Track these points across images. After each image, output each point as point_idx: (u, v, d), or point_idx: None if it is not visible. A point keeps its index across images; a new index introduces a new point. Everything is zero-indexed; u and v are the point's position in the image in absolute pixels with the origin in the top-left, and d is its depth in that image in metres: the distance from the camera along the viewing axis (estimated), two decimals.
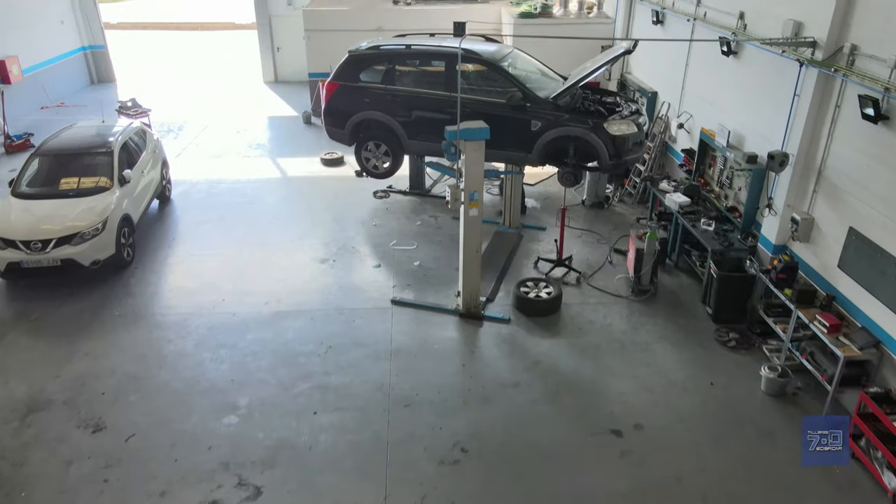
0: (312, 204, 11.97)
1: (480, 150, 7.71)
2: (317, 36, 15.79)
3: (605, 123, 7.85)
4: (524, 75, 8.66)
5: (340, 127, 8.84)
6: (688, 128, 10.61)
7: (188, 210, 11.72)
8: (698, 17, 10.08)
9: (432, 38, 9.13)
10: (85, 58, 19.72)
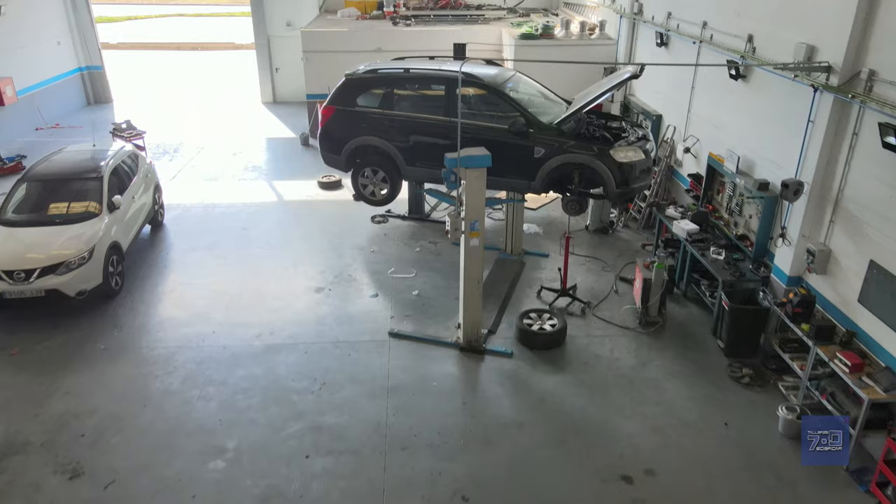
0: (308, 229, 11.65)
1: (482, 178, 7.41)
2: (315, 57, 15.56)
3: (612, 150, 7.56)
4: (527, 99, 8.39)
5: (337, 153, 8.54)
6: (694, 152, 10.31)
7: (181, 235, 11.40)
8: (704, 40, 9.83)
9: (432, 61, 8.87)
10: (82, 78, 19.54)
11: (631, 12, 12.84)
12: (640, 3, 12.58)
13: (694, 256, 8.98)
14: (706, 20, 9.82)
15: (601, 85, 7.93)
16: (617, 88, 8.21)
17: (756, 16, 8.47)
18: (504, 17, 17.19)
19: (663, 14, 11.35)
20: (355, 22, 16.95)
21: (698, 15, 10.04)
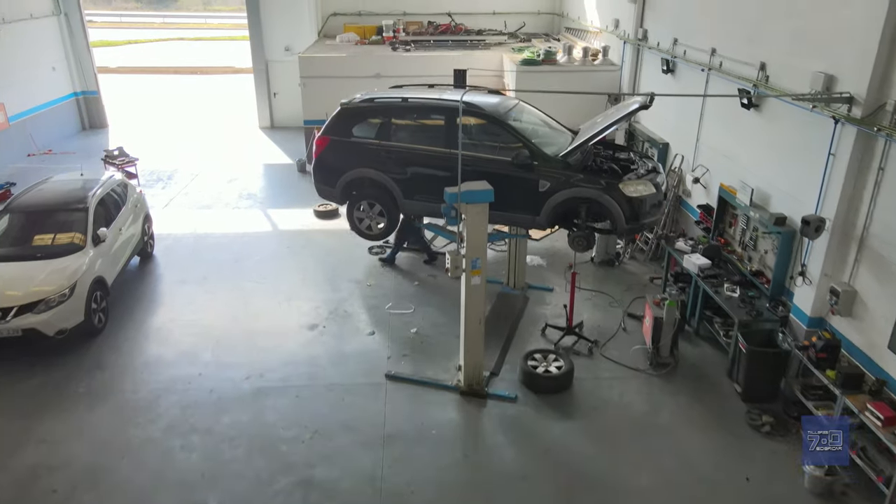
0: (303, 261, 11.23)
1: (484, 214, 7.01)
2: (313, 83, 15.31)
3: (621, 184, 7.17)
4: (530, 130, 8.02)
5: (331, 185, 8.15)
6: (704, 182, 9.94)
7: (170, 267, 10.97)
8: (713, 68, 9.51)
9: (431, 89, 8.52)
10: (77, 103, 19.27)
11: (635, 38, 12.57)
12: (644, 30, 12.31)
13: (706, 293, 8.55)
14: (714, 47, 9.52)
15: (609, 116, 7.56)
16: (626, 120, 7.85)
17: (769, 43, 8.15)
18: (505, 43, 16.98)
19: (669, 40, 11.06)
20: (354, 47, 16.73)
21: (706, 41, 9.74)
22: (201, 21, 51.77)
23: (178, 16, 56.52)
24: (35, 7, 17.26)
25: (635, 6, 12.45)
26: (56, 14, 18.06)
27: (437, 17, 18.22)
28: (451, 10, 18.28)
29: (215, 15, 53.77)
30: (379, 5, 18.35)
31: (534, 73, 13.74)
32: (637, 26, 12.51)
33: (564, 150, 7.68)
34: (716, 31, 9.50)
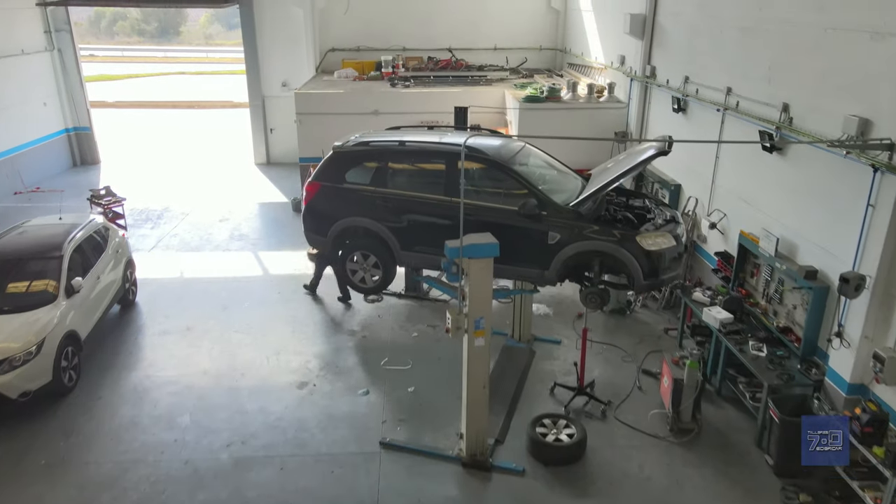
0: (294, 309, 10.56)
1: (488, 269, 6.37)
2: (309, 119, 14.83)
3: (638, 236, 6.55)
4: (537, 175, 7.44)
5: (322, 233, 7.54)
6: (721, 228, 9.32)
7: (153, 316, 10.30)
8: (729, 108, 8.98)
9: (430, 131, 7.98)
10: (68, 139, 18.81)
11: (642, 75, 12.11)
12: (652, 66, 11.86)
13: (728, 349, 7.86)
14: (730, 86, 9.00)
15: (622, 162, 6.97)
16: (642, 167, 7.27)
17: (792, 83, 7.62)
18: (507, 79, 16.57)
19: (679, 78, 10.58)
20: (352, 83, 16.32)
21: (720, 80, 9.24)
22: (202, 55, 52.01)
23: (179, 50, 56.87)
24: (27, 43, 16.92)
25: (642, 43, 12.02)
26: (49, 50, 17.73)
27: (438, 53, 17.88)
28: (451, 46, 17.95)
29: (216, 49, 54.09)
30: (378, 41, 18.03)
31: (537, 110, 13.26)
32: (644, 63, 12.06)
33: (575, 198, 7.08)
34: (731, 69, 9.00)
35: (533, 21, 18.27)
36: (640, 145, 7.42)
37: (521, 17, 18.15)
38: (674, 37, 10.98)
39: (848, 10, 6.70)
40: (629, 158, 6.87)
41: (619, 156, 7.94)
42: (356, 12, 17.82)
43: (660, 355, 8.91)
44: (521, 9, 18.07)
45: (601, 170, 7.64)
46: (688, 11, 10.33)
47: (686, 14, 10.41)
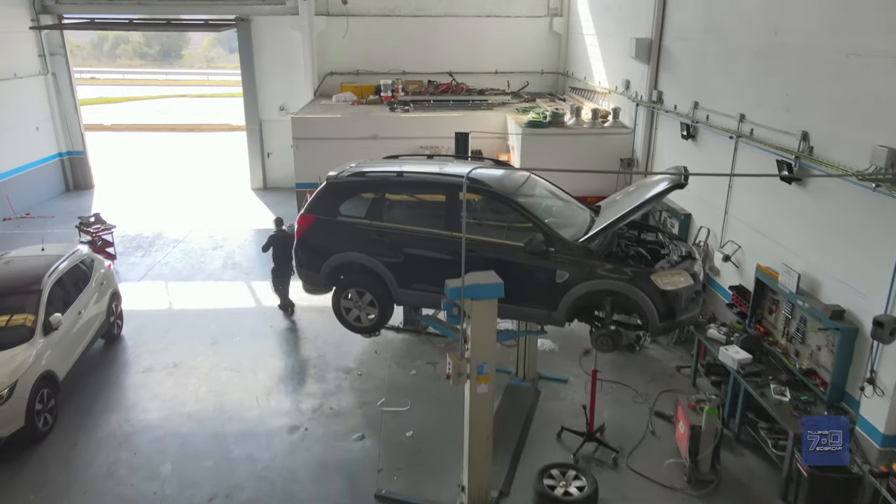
0: (288, 344, 10.08)
1: (491, 311, 5.91)
2: (306, 145, 14.48)
3: (653, 275, 6.09)
4: (543, 207, 6.99)
5: (315, 269, 7.07)
6: (736, 261, 8.88)
7: (139, 351, 9.81)
8: (742, 135, 8.59)
9: (430, 161, 7.57)
10: (61, 164, 18.45)
11: (649, 100, 11.76)
12: (659, 91, 11.51)
13: (748, 392, 7.36)
14: (743, 112, 8.63)
15: (634, 195, 6.52)
16: (657, 201, 6.82)
17: (812, 111, 7.22)
18: (508, 103, 16.25)
19: (688, 103, 10.22)
20: (350, 107, 16.00)
21: (733, 106, 8.86)
22: (203, 78, 52.06)
23: (180, 73, 57.00)
24: (21, 67, 16.65)
25: (648, 67, 11.69)
26: (43, 74, 17.45)
27: (438, 77, 17.60)
28: (451, 69, 17.68)
29: (217, 72, 54.14)
30: (377, 64, 17.76)
31: (540, 136, 12.89)
32: (651, 88, 11.72)
33: (584, 232, 6.63)
34: (744, 95, 8.62)
35: (534, 45, 18.03)
36: (653, 177, 6.96)
37: (523, 41, 17.91)
38: (682, 61, 10.64)
39: (869, 34, 6.34)
40: (641, 191, 6.43)
41: (630, 187, 7.51)
42: (355, 36, 17.59)
43: (673, 396, 8.41)
44: (522, 32, 17.83)
45: (611, 202, 7.21)
46: (696, 36, 10.00)
47: (695, 39, 10.07)
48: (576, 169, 11.04)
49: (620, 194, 7.35)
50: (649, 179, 6.79)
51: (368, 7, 17.56)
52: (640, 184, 7.22)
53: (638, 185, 7.23)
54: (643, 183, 6.99)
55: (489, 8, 17.76)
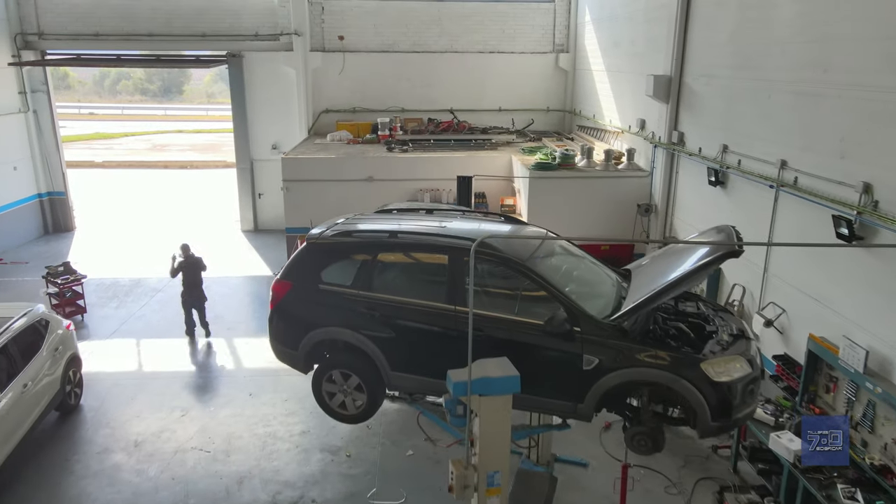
0: (267, 416, 8.88)
1: (505, 409, 4.77)
2: (297, 187, 13.52)
3: (704, 363, 4.96)
4: (563, 272, 5.89)
5: (292, 346, 5.95)
6: (780, 326, 7.76)
7: (97, 426, 8.62)
8: (785, 184, 7.55)
9: (429, 216, 6.50)
10: (40, 206, 17.44)
11: (668, 142, 10.79)
12: (680, 132, 10.54)
13: (807, 490, 6.16)
14: (785, 159, 7.62)
15: (672, 262, 5.38)
16: (705, 274, 5.72)
17: (876, 159, 6.20)
18: (513, 142, 15.35)
19: (716, 147, 9.23)
20: (346, 146, 15.09)
21: (772, 151, 7.86)
22: (202, 113, 51.68)
23: (180, 108, 56.77)
24: None
25: (667, 106, 10.75)
26: (23, 111, 16.58)
27: (439, 114, 16.76)
28: (453, 107, 16.85)
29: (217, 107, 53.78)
30: (375, 101, 16.93)
31: (549, 178, 11.91)
32: (670, 128, 10.76)
33: (613, 304, 5.51)
34: (786, 139, 7.63)
35: (540, 81, 17.23)
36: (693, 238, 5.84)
37: (528, 78, 17.12)
38: (707, 101, 9.69)
39: None
40: (682, 258, 5.33)
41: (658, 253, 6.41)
42: (352, 72, 16.80)
43: (711, 485, 7.22)
44: (527, 69, 17.05)
45: (644, 267, 6.10)
46: (725, 73, 9.06)
47: (722, 76, 9.13)
48: (614, 239, 9.89)
49: (654, 258, 6.26)
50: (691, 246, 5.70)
51: (366, 42, 16.81)
52: (675, 249, 6.13)
53: (674, 249, 6.13)
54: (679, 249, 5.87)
55: (492, 44, 17.01)
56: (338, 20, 16.70)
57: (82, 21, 16.41)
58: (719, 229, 5.64)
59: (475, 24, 16.83)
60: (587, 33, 15.81)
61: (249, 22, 16.64)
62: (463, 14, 16.74)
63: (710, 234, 5.70)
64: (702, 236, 5.92)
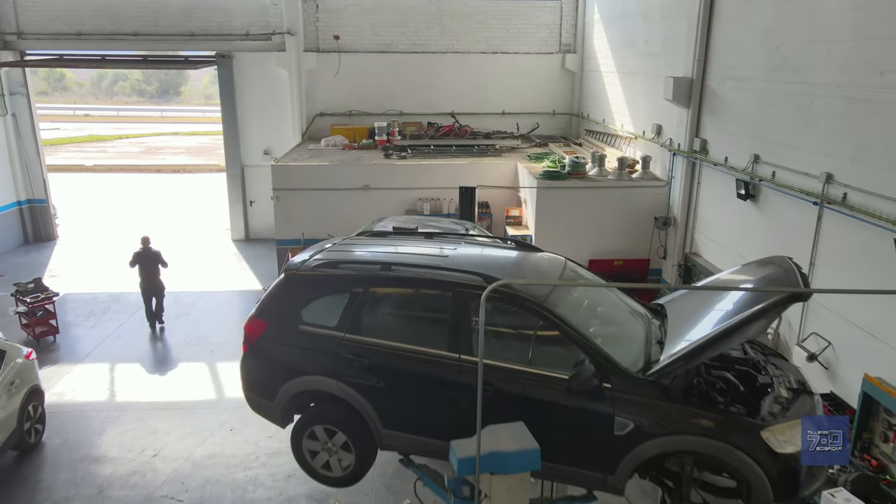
0: (248, 456, 8.00)
1: (522, 488, 3.88)
2: (288, 196, 12.65)
3: (764, 431, 4.07)
4: (586, 310, 5.00)
5: (268, 396, 5.05)
6: (825, 362, 6.87)
7: (57, 468, 7.75)
8: (833, 201, 6.66)
9: (428, 241, 5.60)
10: (20, 214, 16.58)
11: (689, 149, 9.91)
12: (702, 140, 9.67)
13: None
14: (831, 172, 6.73)
15: (719, 301, 4.47)
16: (766, 325, 4.79)
17: None
18: (518, 147, 14.46)
19: (744, 156, 8.37)
20: (340, 152, 14.21)
21: (814, 163, 6.99)
22: (199, 115, 50.82)
23: (176, 110, 56.02)
24: None
25: (688, 111, 9.87)
26: (1, 115, 15.70)
27: (439, 118, 15.87)
28: (454, 110, 15.97)
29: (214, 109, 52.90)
30: (372, 104, 16.06)
31: (559, 189, 11.03)
32: (691, 135, 9.88)
33: (649, 352, 4.62)
34: (833, 150, 6.75)
35: (545, 83, 16.36)
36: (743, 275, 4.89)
37: (533, 80, 16.25)
38: (735, 105, 8.81)
39: None
40: (730, 297, 4.43)
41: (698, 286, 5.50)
42: (348, 74, 15.92)
43: None
44: (532, 70, 16.18)
45: (679, 303, 5.21)
46: (757, 76, 8.18)
47: (754, 78, 8.25)
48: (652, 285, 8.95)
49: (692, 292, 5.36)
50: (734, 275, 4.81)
51: (363, 43, 15.94)
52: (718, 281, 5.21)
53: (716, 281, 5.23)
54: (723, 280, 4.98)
55: (495, 44, 16.14)
56: (333, 19, 15.84)
57: (63, 20, 15.56)
58: (771, 261, 4.75)
59: (477, 23, 15.97)
60: (596, 33, 14.95)
61: (240, 21, 15.79)
62: (464, 12, 15.88)
63: (760, 267, 4.81)
64: (751, 270, 5.01)
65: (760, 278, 4.59)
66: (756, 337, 5.09)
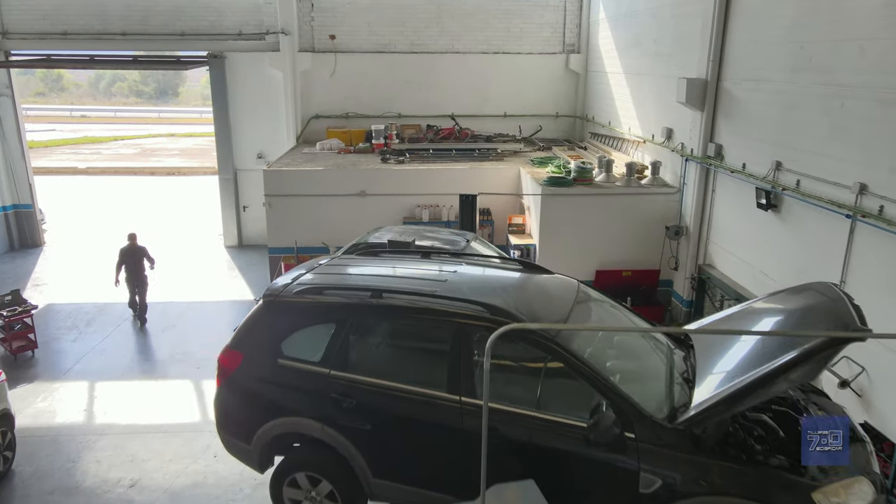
0: (232, 488, 7.40)
1: None
2: (281, 203, 12.12)
3: (818, 493, 3.51)
4: (603, 341, 4.44)
5: (244, 439, 4.51)
6: (858, 389, 6.31)
7: (27, 497, 7.19)
8: (867, 213, 6.10)
9: (426, 261, 5.04)
10: (5, 220, 16.02)
11: (703, 155, 9.37)
12: (717, 145, 9.13)
13: None
14: (865, 182, 6.17)
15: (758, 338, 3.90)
16: (818, 369, 4.15)
17: None
18: (521, 151, 13.92)
19: (765, 163, 7.82)
20: (336, 156, 13.68)
21: (845, 172, 6.44)
22: (196, 116, 50.29)
23: (173, 111, 55.54)
24: None
25: (702, 114, 9.34)
26: None
27: (438, 121, 15.35)
28: (454, 112, 15.44)
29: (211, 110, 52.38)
30: (369, 106, 15.52)
31: (565, 196, 10.48)
32: (705, 140, 9.35)
33: (672, 392, 4.07)
34: (866, 158, 6.20)
35: (548, 85, 15.82)
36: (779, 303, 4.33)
37: (535, 81, 15.71)
38: (754, 108, 8.26)
39: None
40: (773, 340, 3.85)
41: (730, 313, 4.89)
42: (344, 74, 15.39)
43: None
44: (534, 71, 15.64)
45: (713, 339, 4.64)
46: (778, 77, 7.62)
47: (775, 80, 7.70)
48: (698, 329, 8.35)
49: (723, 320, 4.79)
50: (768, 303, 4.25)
51: (359, 43, 15.40)
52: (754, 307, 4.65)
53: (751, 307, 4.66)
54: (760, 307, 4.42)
55: (497, 44, 15.60)
56: (329, 18, 15.31)
57: (49, 19, 15.03)
58: (811, 287, 4.19)
59: (478, 22, 15.43)
60: (601, 32, 14.40)
61: (232, 20, 15.25)
62: (465, 11, 15.34)
63: (798, 295, 4.24)
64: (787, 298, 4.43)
65: (802, 308, 4.03)
66: (807, 381, 4.53)
